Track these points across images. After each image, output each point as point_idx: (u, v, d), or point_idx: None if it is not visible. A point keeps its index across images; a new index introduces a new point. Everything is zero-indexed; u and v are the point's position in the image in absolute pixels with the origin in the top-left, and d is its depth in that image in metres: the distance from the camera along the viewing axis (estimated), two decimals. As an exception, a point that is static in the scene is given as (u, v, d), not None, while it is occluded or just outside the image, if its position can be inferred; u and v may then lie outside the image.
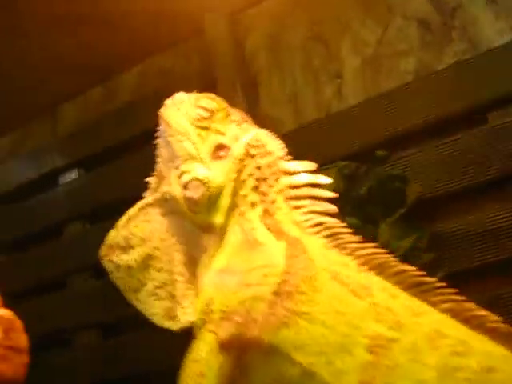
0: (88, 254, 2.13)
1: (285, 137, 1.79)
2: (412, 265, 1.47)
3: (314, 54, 1.87)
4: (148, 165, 1.27)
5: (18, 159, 2.48)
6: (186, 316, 0.97)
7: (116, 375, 2.00)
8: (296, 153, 1.04)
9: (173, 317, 0.99)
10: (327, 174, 1.58)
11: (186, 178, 0.97)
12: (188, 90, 1.94)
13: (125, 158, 2.17)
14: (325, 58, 1.86)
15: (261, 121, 1.87)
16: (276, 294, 0.86)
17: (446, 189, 1.56)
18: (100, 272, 2.14)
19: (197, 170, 0.97)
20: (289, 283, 0.86)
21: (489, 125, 1.54)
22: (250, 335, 0.85)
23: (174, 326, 0.99)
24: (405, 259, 1.47)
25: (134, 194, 2.04)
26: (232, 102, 1.90)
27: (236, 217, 0.97)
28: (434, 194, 1.57)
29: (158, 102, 2.01)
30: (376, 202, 1.54)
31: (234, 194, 0.97)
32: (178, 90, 1.95)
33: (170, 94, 1.98)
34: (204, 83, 1.96)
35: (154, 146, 1.73)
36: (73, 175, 2.27)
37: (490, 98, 1.54)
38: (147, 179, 1.07)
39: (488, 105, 1.55)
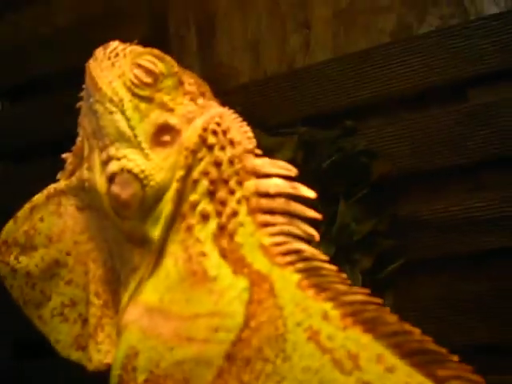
0: (11, 198, 1.94)
1: (239, 89, 1.67)
2: (370, 251, 1.40)
3: (283, -4, 1.65)
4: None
5: None
6: (99, 355, 0.73)
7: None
8: (249, 110, 0.81)
9: (83, 347, 0.76)
10: (286, 141, 1.46)
11: (113, 167, 0.71)
12: (133, 24, 1.74)
13: (58, 92, 1.92)
14: (293, 3, 1.63)
15: (214, 68, 1.73)
16: (229, 358, 0.62)
17: (415, 169, 1.42)
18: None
19: (130, 158, 0.70)
20: (248, 344, 0.62)
21: (469, 103, 1.39)
22: None
23: (85, 361, 0.77)
24: (362, 244, 1.38)
25: (66, 136, 1.88)
26: (183, 44, 1.74)
27: (180, 233, 0.70)
28: (401, 174, 1.42)
29: (99, 33, 1.80)
30: (338, 177, 1.38)
31: (180, 199, 0.71)
32: (122, 23, 1.78)
33: (113, 24, 1.78)
34: (153, 15, 1.72)
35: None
36: (-4, 106, 2.01)
37: (473, 74, 1.38)
38: (63, 155, 0.82)
39: (470, 81, 1.39)
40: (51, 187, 0.79)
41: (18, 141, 1.96)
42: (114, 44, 0.78)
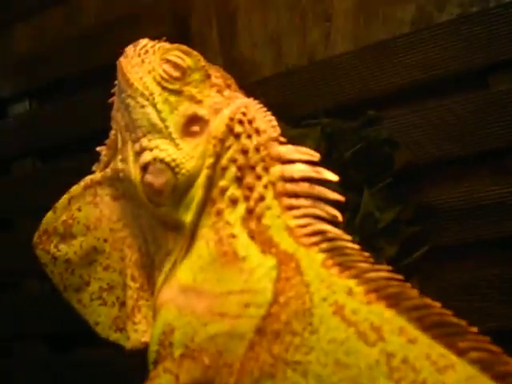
0: (37, 194, 1.99)
1: (262, 83, 1.69)
2: (394, 239, 1.41)
3: (302, -10, 1.66)
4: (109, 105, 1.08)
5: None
6: (136, 334, 0.77)
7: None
8: (272, 103, 0.83)
9: (121, 329, 0.80)
10: (309, 132, 1.47)
11: (146, 158, 0.75)
12: (157, 21, 1.77)
13: (84, 92, 1.96)
14: (313, -4, 1.65)
15: (236, 63, 1.76)
16: (259, 332, 0.65)
17: (437, 157, 1.42)
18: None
19: (162, 149, 0.74)
20: (277, 318, 0.65)
21: (489, 90, 1.39)
22: None
23: (123, 341, 0.79)
24: (386, 232, 1.40)
25: (92, 134, 1.91)
26: (205, 41, 1.77)
27: (211, 217, 0.74)
28: (424, 162, 1.43)
29: (124, 33, 1.84)
30: (361, 167, 1.39)
31: (210, 185, 0.75)
32: (145, 23, 1.81)
33: (137, 25, 1.81)
34: (175, 15, 1.75)
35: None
36: (24, 107, 2.05)
37: (493, 61, 1.38)
38: (98, 148, 0.86)
39: (490, 68, 1.39)
40: (88, 178, 0.84)
41: (46, 139, 2.01)
42: (144, 41, 0.82)
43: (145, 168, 0.75)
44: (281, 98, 1.57)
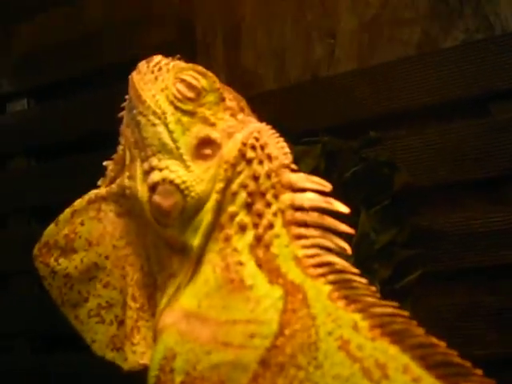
0: (31, 193, 1.98)
1: (263, 96, 1.69)
2: (389, 261, 1.41)
3: (308, 6, 1.66)
4: (108, 106, 1.06)
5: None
6: (134, 356, 0.75)
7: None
8: (272, 117, 0.83)
9: (118, 348, 0.78)
10: (309, 149, 1.47)
11: (155, 178, 0.73)
12: (161, 30, 1.77)
13: (82, 93, 1.95)
14: (319, 12, 1.65)
15: (238, 74, 1.75)
16: (264, 363, 0.64)
17: (436, 181, 1.43)
18: (43, 216, 1.98)
19: (172, 170, 0.73)
20: (282, 351, 0.64)
21: (491, 117, 1.40)
22: None
23: (120, 361, 0.79)
24: (381, 254, 1.40)
25: (88, 136, 1.91)
26: (209, 51, 1.77)
27: (218, 242, 0.73)
28: (422, 185, 1.43)
29: (127, 36, 1.83)
30: (360, 187, 1.39)
31: (219, 210, 0.73)
32: (149, 28, 1.80)
33: (141, 30, 1.80)
34: (180, 21, 1.74)
35: (117, 86, 1.53)
36: (22, 105, 2.03)
37: (496, 88, 1.39)
38: (104, 162, 0.85)
39: (493, 95, 1.40)
40: (92, 193, 0.82)
41: (41, 138, 1.99)
42: (157, 58, 0.81)
43: (153, 188, 0.73)
44: (281, 113, 1.57)
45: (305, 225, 0.72)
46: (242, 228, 0.72)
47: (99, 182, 0.83)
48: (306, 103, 1.60)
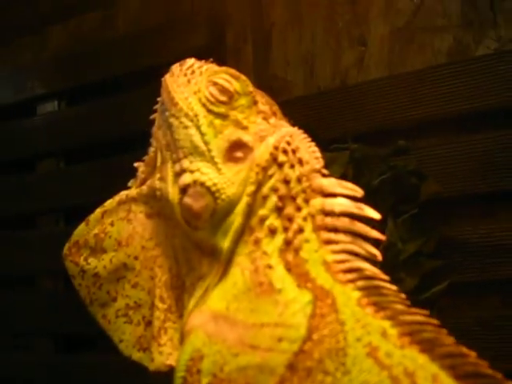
0: (60, 194, 2.00)
1: (292, 102, 1.69)
2: (415, 271, 1.40)
3: (339, 13, 1.66)
4: (138, 109, 1.06)
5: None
6: (161, 356, 0.75)
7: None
8: (301, 124, 0.82)
9: (145, 348, 0.78)
10: (337, 156, 1.47)
11: (186, 180, 0.73)
12: (193, 31, 1.78)
13: (112, 96, 1.97)
14: (350, 20, 1.65)
15: (268, 81, 1.76)
16: (291, 368, 0.63)
17: (464, 191, 1.41)
18: (70, 218, 2.00)
19: (203, 172, 0.73)
20: (310, 356, 0.63)
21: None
22: None
23: (146, 361, 0.79)
24: (407, 264, 1.39)
25: (117, 139, 1.93)
26: (239, 56, 1.77)
27: (248, 245, 0.72)
28: (450, 195, 1.42)
29: (159, 40, 1.84)
30: (387, 196, 1.38)
31: (249, 213, 0.73)
32: (181, 32, 1.81)
33: (172, 35, 1.82)
34: (211, 27, 1.75)
35: (148, 89, 1.53)
36: (53, 106, 2.06)
37: (528, 99, 1.38)
38: (135, 164, 0.85)
39: (524, 106, 1.39)
40: (123, 194, 0.82)
41: (71, 140, 2.02)
42: (191, 61, 0.81)
43: (184, 190, 0.73)
44: (310, 120, 1.57)
45: (335, 230, 0.71)
46: (272, 231, 0.72)
47: (130, 184, 0.83)
48: (334, 110, 1.59)
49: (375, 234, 0.71)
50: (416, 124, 1.49)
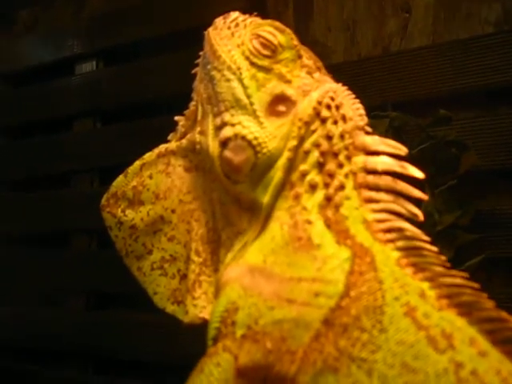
0: (96, 155, 2.02)
1: (332, 69, 1.65)
2: (450, 244, 1.37)
3: (384, -21, 1.62)
4: (175, 70, 1.03)
5: (34, 37, 2.24)
6: (195, 309, 0.75)
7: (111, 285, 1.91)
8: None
9: (179, 302, 0.78)
10: (376, 124, 1.44)
11: (227, 133, 0.71)
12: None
13: (149, 57, 1.96)
14: (395, -14, 1.61)
15: (309, 46, 1.72)
16: (327, 323, 0.62)
17: (504, 165, 1.38)
18: (105, 178, 2.02)
19: (244, 125, 0.71)
20: (347, 312, 0.62)
21: None
22: (281, 371, 0.62)
23: (180, 314, 0.79)
24: (443, 236, 1.36)
25: (155, 100, 1.92)
26: (280, 20, 1.73)
27: (288, 200, 0.71)
28: (490, 168, 1.39)
29: (198, 2, 1.82)
30: (426, 166, 1.35)
31: (290, 168, 0.71)
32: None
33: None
34: (251, -10, 1.72)
35: (185, 51, 1.51)
36: (91, 66, 2.06)
37: None
38: (176, 117, 0.84)
39: None
40: (162, 147, 0.82)
41: (108, 101, 2.02)
42: (235, 14, 0.79)
43: (224, 143, 0.72)
44: (350, 87, 1.54)
45: (377, 188, 0.70)
46: (313, 187, 0.71)
47: (169, 137, 0.83)
48: (375, 77, 1.56)
49: (418, 193, 0.69)
50: (458, 95, 1.45)
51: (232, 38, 0.76)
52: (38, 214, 2.11)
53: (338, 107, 0.73)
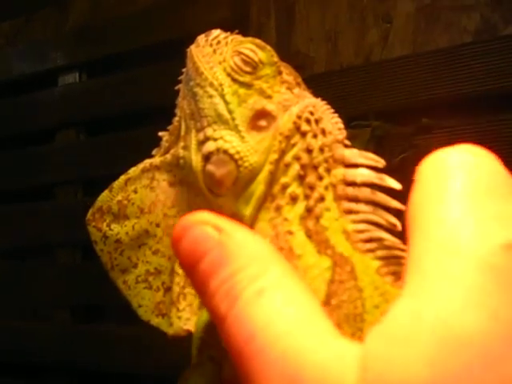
0: (78, 166, 2.01)
1: (314, 79, 1.67)
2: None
3: (365, -11, 1.64)
4: (159, 82, 1.05)
5: (16, 49, 2.23)
6: (179, 321, 0.76)
7: (96, 298, 1.90)
8: (323, 100, 0.82)
9: (164, 314, 0.80)
10: (358, 133, 1.46)
11: (210, 147, 0.69)
12: (214, 7, 1.77)
13: (133, 68, 1.97)
14: (375, -4, 1.63)
15: (291, 57, 1.74)
16: None
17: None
18: (89, 189, 2.01)
19: (226, 140, 0.69)
20: None
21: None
22: None
23: (165, 326, 0.79)
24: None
25: (138, 111, 1.92)
26: (262, 31, 1.76)
27: (269, 212, 0.70)
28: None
29: (181, 12, 1.83)
30: (408, 175, 1.37)
31: (272, 180, 0.70)
32: (202, 5, 1.80)
33: (195, 8, 1.80)
34: (235, 2, 1.74)
35: (168, 62, 1.51)
36: (74, 78, 2.06)
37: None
38: (160, 133, 0.84)
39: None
40: (147, 162, 0.82)
41: (92, 113, 2.02)
42: (216, 32, 0.80)
43: (207, 158, 0.72)
44: (332, 97, 1.55)
45: (356, 200, 0.71)
46: (294, 199, 0.71)
47: (154, 152, 0.83)
48: (357, 87, 1.58)
49: (396, 204, 0.70)
50: (440, 103, 1.47)
51: (214, 55, 0.77)
52: (21, 226, 2.09)
53: (317, 121, 0.73)
